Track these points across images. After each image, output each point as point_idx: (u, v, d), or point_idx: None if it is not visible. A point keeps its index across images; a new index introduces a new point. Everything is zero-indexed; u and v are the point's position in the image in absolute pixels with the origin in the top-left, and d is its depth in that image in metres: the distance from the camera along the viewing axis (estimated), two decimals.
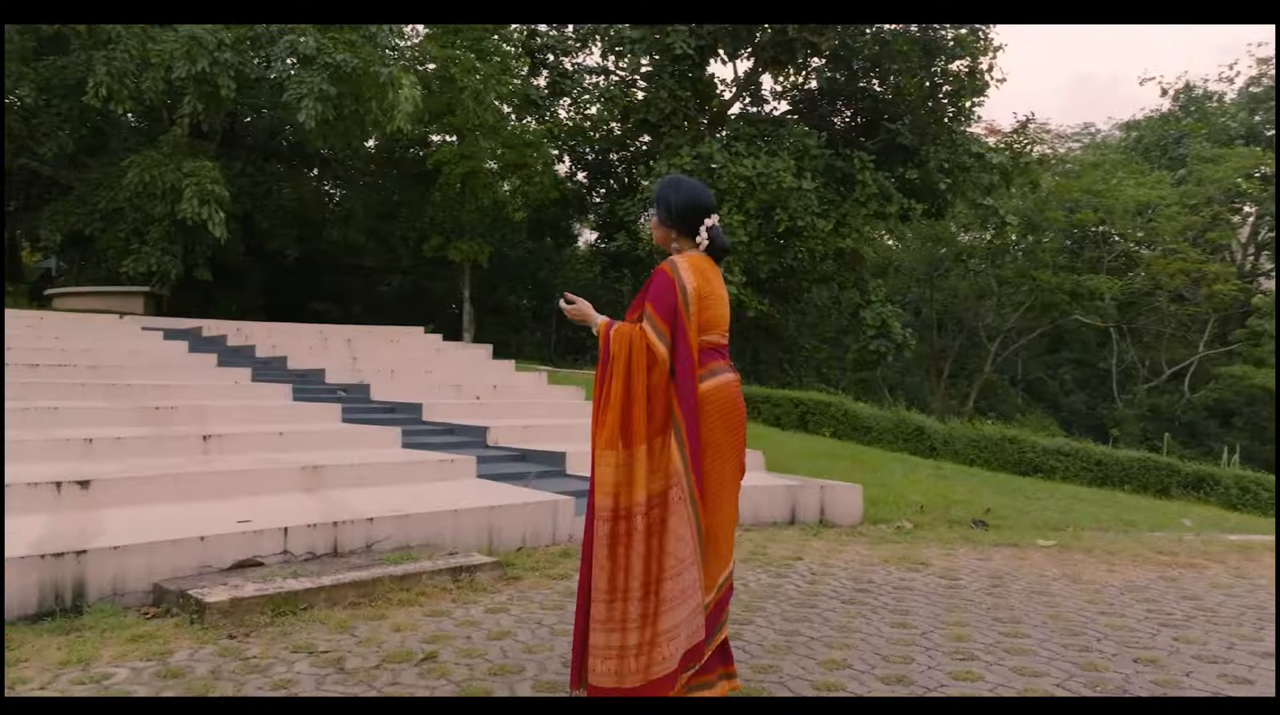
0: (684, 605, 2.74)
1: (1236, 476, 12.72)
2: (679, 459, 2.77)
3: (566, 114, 23.29)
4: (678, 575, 2.74)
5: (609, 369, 2.85)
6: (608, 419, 2.81)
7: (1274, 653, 3.63)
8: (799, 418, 14.62)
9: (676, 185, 3.00)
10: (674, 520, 2.76)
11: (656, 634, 2.72)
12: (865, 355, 19.91)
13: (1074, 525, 6.95)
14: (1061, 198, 24.20)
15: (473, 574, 4.70)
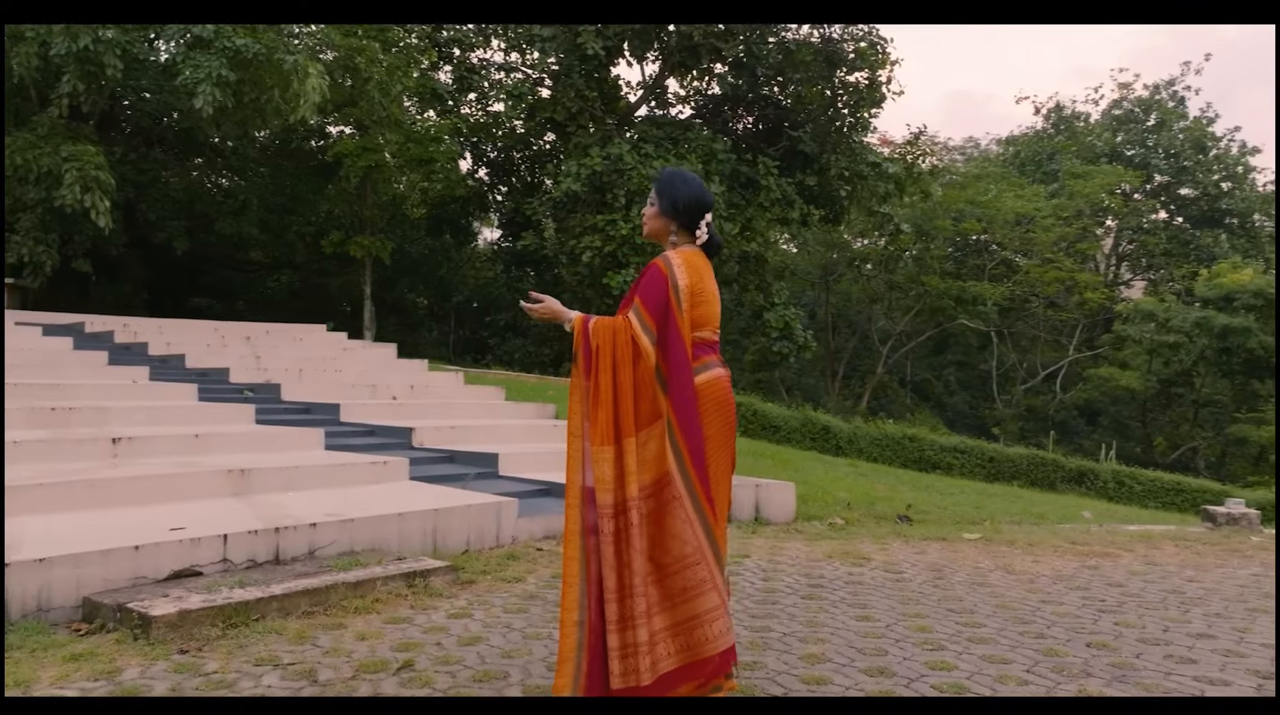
0: (691, 602, 2.72)
1: (1114, 471, 13.65)
2: (672, 456, 2.74)
3: (470, 110, 22.91)
4: (679, 572, 2.72)
5: (595, 363, 2.80)
6: (599, 415, 2.77)
7: (1204, 634, 3.91)
8: None
9: (684, 179, 2.99)
10: (670, 519, 2.73)
11: (693, 616, 2.71)
12: (768, 356, 20.38)
13: (990, 519, 7.31)
14: (948, 207, 25.39)
15: (427, 579, 4.57)
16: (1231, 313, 22.13)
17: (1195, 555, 5.80)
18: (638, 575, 2.70)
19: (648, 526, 2.74)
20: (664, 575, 2.74)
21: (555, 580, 4.78)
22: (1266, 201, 31.45)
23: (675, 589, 2.73)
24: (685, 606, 2.73)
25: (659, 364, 2.78)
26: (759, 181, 19.74)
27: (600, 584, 2.74)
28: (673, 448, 2.75)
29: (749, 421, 14.68)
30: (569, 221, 18.63)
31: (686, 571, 2.73)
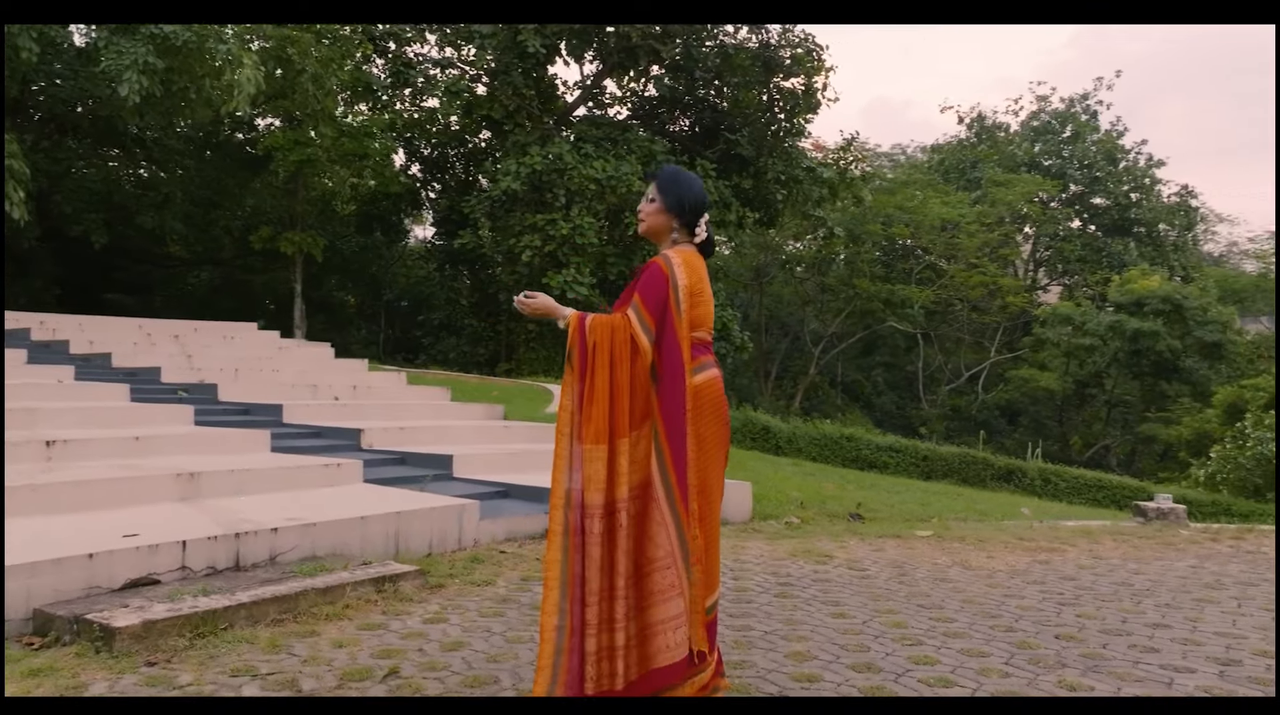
0: (655, 608, 2.69)
1: (1040, 469, 14.18)
2: (654, 458, 2.73)
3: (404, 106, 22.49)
4: (649, 575, 2.71)
5: (591, 360, 2.77)
6: (594, 413, 2.73)
7: (1159, 624, 4.10)
8: None
9: (688, 177, 2.98)
10: (649, 521, 2.71)
11: (649, 625, 2.68)
12: None
13: (938, 516, 7.52)
14: (878, 212, 26.01)
15: (396, 583, 4.47)
16: (1142, 317, 23.22)
17: (1134, 549, 6.07)
18: (621, 577, 2.68)
19: (633, 529, 2.72)
20: (640, 576, 2.71)
21: (526, 583, 4.74)
22: (1171, 212, 33.11)
23: (646, 591, 2.71)
24: (650, 611, 2.70)
25: (654, 363, 2.77)
26: None
27: (583, 586, 2.69)
28: (656, 449, 2.73)
29: None
30: (508, 220, 18.45)
31: (661, 572, 2.70)
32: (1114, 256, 30.42)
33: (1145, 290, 23.87)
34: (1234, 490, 14.38)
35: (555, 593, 2.73)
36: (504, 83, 19.67)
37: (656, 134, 20.94)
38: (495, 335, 23.07)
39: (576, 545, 2.70)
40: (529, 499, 6.54)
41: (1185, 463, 19.06)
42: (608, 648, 2.68)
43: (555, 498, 2.78)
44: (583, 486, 2.71)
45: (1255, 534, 6.86)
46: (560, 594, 2.72)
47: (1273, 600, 4.59)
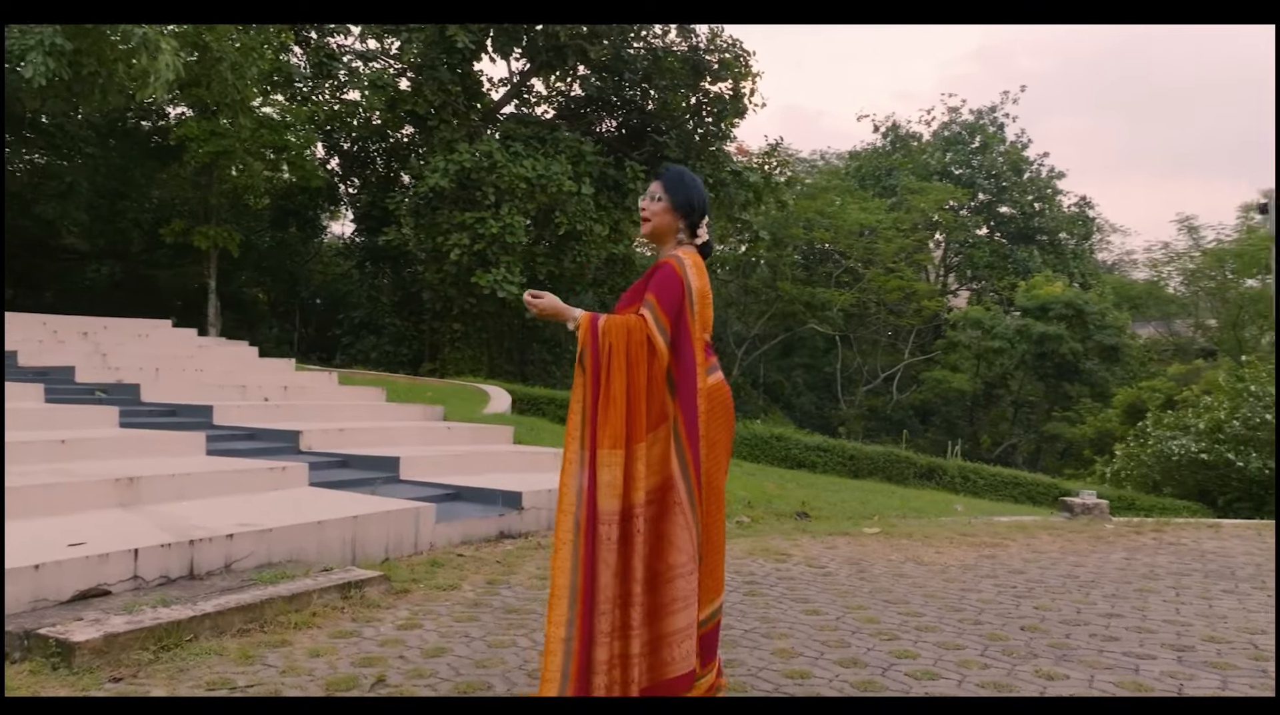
0: (669, 618, 2.67)
1: (960, 467, 14.70)
2: (676, 460, 2.71)
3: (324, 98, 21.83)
4: (671, 581, 2.68)
5: (607, 362, 2.72)
6: (610, 416, 2.68)
7: (1111, 614, 4.31)
8: None
9: (693, 178, 2.97)
10: (669, 525, 2.68)
11: (662, 635, 2.66)
12: None
13: (879, 514, 7.72)
14: (799, 217, 26.55)
15: (361, 589, 4.34)
16: (1047, 322, 24.34)
17: (1069, 543, 6.36)
18: (638, 584, 2.64)
19: (650, 534, 2.68)
20: (657, 583, 2.68)
21: (493, 586, 4.67)
22: (1071, 222, 34.78)
23: (664, 599, 2.67)
24: (664, 621, 2.67)
25: (669, 366, 2.77)
26: (626, 185, 19.94)
27: (594, 595, 2.63)
28: (678, 452, 2.72)
29: None
30: (435, 218, 18.12)
31: (677, 581, 2.67)
32: (1019, 263, 31.78)
33: (1049, 296, 25.02)
34: (1136, 486, 15.23)
35: (563, 603, 2.67)
36: (430, 78, 19.31)
37: (583, 134, 20.89)
38: (419, 335, 22.63)
39: (588, 554, 2.64)
40: (481, 501, 6.45)
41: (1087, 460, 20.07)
42: (621, 655, 2.64)
43: (564, 504, 2.72)
44: (597, 493, 2.65)
45: (1173, 527, 7.28)
46: (568, 604, 2.66)
47: (1206, 589, 4.87)
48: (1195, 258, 26.23)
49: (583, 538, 2.66)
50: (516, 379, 19.55)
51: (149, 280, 24.27)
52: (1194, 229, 26.38)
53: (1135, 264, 39.04)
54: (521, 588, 4.67)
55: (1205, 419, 14.64)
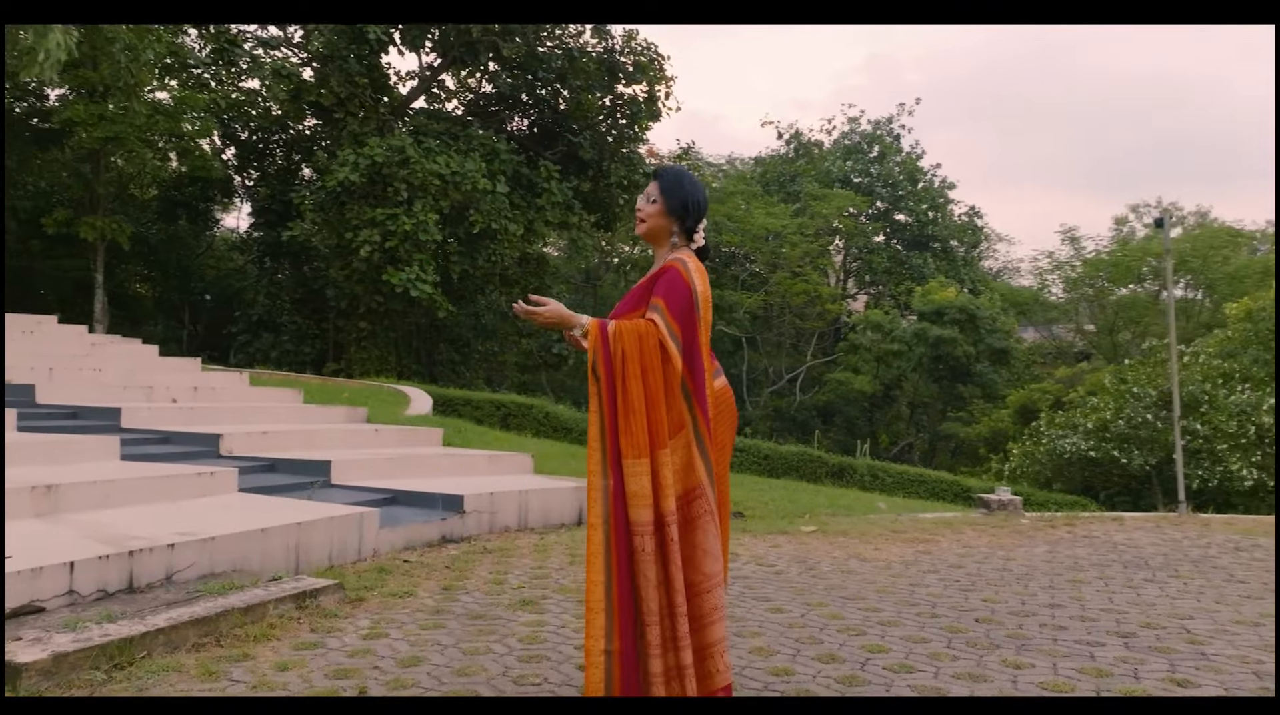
0: (709, 629, 2.64)
1: (869, 465, 15.19)
2: (703, 467, 2.68)
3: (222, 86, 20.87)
4: (709, 591, 2.64)
5: (622, 369, 2.68)
6: (632, 425, 2.62)
7: (1053, 604, 4.53)
8: (501, 419, 14.64)
9: (691, 179, 2.94)
10: (701, 533, 2.65)
11: (705, 645, 2.62)
12: (548, 358, 20.47)
13: (809, 512, 7.91)
14: (709, 220, 26.95)
15: (316, 599, 4.18)
16: (942, 326, 25.41)
17: (994, 537, 6.66)
18: (679, 593, 2.58)
19: (682, 542, 2.63)
20: (694, 593, 2.63)
21: (450, 593, 4.57)
22: (961, 230, 36.41)
23: (705, 608, 2.63)
24: (704, 633, 2.64)
25: (683, 371, 2.75)
26: (540, 185, 19.80)
27: (633, 608, 2.58)
28: (703, 458, 2.68)
29: (542, 423, 14.68)
30: (343, 214, 17.56)
31: (715, 591, 2.64)
32: (915, 269, 33.07)
33: (944, 301, 26.13)
34: (1030, 482, 16.07)
35: (600, 617, 2.59)
36: (337, 69, 18.71)
37: (495, 132, 20.64)
38: (321, 333, 21.89)
39: (621, 566, 2.58)
40: (420, 506, 6.29)
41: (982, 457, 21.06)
42: (675, 667, 2.58)
43: (592, 517, 2.65)
44: (627, 504, 2.60)
45: (1082, 521, 7.71)
46: (605, 618, 2.58)
47: (1129, 578, 5.19)
48: (1076, 267, 27.87)
49: (614, 551, 2.59)
50: (425, 380, 19.14)
51: (20, 273, 22.66)
52: (1075, 240, 28.06)
53: (1018, 272, 41.21)
54: (480, 593, 4.58)
55: (1093, 419, 15.61)
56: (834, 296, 29.59)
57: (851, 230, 33.03)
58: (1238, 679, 3.31)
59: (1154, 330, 25.56)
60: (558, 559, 5.51)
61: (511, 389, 24.51)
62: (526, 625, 3.98)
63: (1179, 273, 24.35)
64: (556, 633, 3.87)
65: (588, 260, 29.83)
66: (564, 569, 5.22)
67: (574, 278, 30.80)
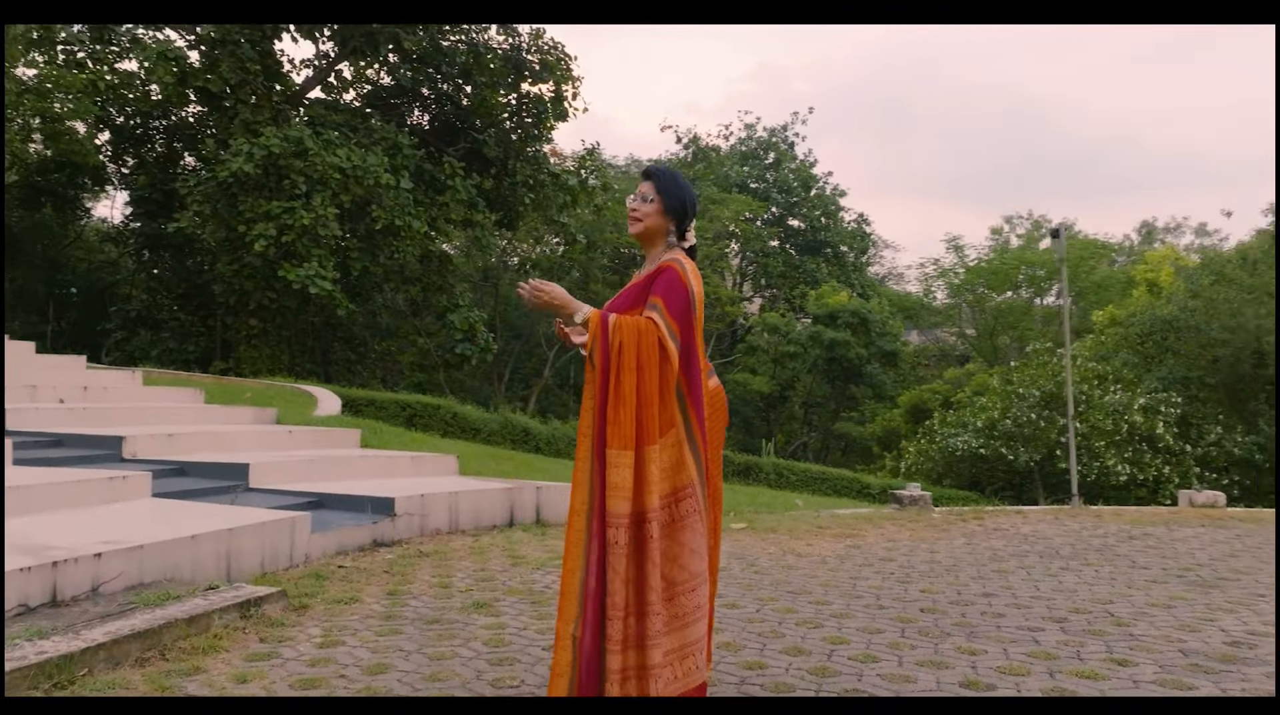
0: (690, 628, 2.66)
1: (774, 464, 15.55)
2: (694, 466, 2.69)
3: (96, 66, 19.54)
4: (692, 590, 2.66)
5: (617, 360, 2.67)
6: (620, 416, 2.63)
7: (987, 592, 4.77)
8: (407, 420, 14.29)
9: (684, 180, 2.95)
10: (688, 532, 2.66)
11: (684, 644, 2.63)
12: (450, 358, 20.08)
13: (734, 510, 8.04)
14: (612, 220, 27.02)
15: (260, 607, 3.99)
16: (836, 329, 26.27)
17: (913, 531, 6.94)
18: (653, 591, 2.58)
19: (664, 540, 2.65)
20: (675, 593, 2.64)
21: (398, 597, 4.44)
22: (851, 237, 37.76)
23: (686, 608, 2.65)
24: (685, 631, 2.65)
25: (679, 371, 2.76)
26: (444, 181, 19.43)
27: (602, 599, 2.59)
28: (695, 458, 2.69)
29: (449, 424, 14.40)
30: (234, 206, 16.75)
31: (699, 590, 2.66)
32: (808, 273, 34.07)
33: (838, 304, 27.03)
34: (924, 478, 16.80)
35: (573, 603, 2.62)
36: (228, 53, 17.84)
37: (396, 125, 20.12)
38: (207, 331, 20.83)
39: (598, 556, 2.59)
40: (348, 509, 6.09)
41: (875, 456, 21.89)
42: (638, 666, 2.57)
43: (575, 503, 2.66)
44: (606, 494, 2.60)
45: (989, 514, 8.13)
46: (577, 604, 2.61)
47: (1047, 567, 5.50)
48: (960, 274, 29.32)
49: (594, 540, 2.61)
50: (322, 379, 18.48)
51: None
52: (960, 248, 29.51)
53: (903, 278, 43.01)
54: (428, 598, 4.47)
55: (982, 418, 16.47)
56: (732, 298, 30.15)
57: (749, 234, 33.76)
58: (1168, 656, 3.56)
59: (1029, 334, 27.15)
60: (498, 561, 5.43)
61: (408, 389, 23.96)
62: (486, 628, 3.91)
63: (1053, 281, 25.96)
64: (519, 635, 3.82)
65: (486, 258, 29.48)
66: (507, 571, 5.15)
67: (472, 277, 30.34)
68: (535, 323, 30.18)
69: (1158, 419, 15.21)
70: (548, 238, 26.45)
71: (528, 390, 29.32)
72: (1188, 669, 3.40)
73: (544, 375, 28.05)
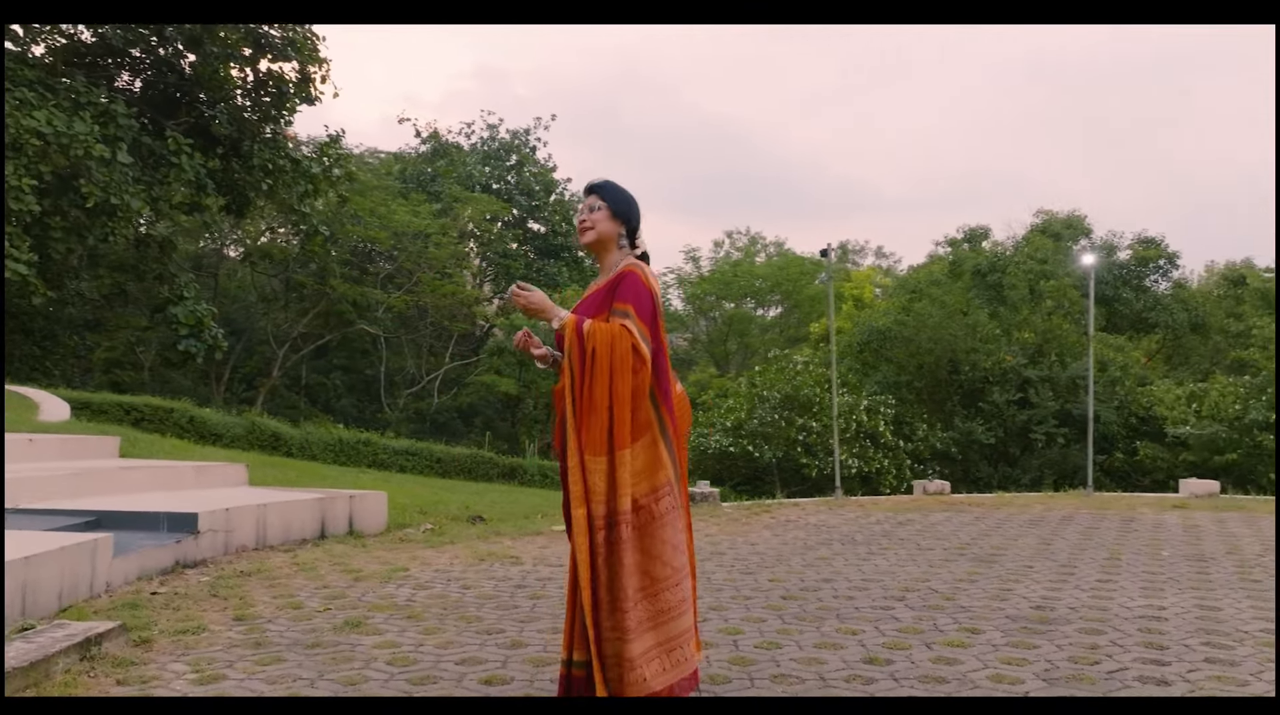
0: (675, 621, 2.73)
1: (539, 465, 15.66)
2: (671, 465, 2.76)
3: None
4: (674, 586, 2.72)
5: (591, 367, 2.70)
6: (592, 423, 2.68)
7: (828, 578, 5.22)
8: (134, 423, 12.67)
9: (624, 189, 2.98)
10: (668, 529, 2.72)
11: (672, 636, 2.70)
12: (173, 356, 17.97)
13: (541, 514, 8.04)
14: (352, 213, 25.67)
15: (101, 645, 3.44)
16: None
17: (720, 525, 7.37)
18: (628, 589, 2.65)
19: (640, 540, 2.70)
20: (659, 589, 2.70)
21: (252, 622, 4.03)
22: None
23: (670, 602, 2.71)
24: (671, 625, 2.72)
25: (652, 373, 2.80)
26: (170, 158, 17.37)
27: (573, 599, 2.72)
28: (670, 455, 2.76)
29: (185, 429, 12.95)
30: None
31: (682, 584, 2.74)
32: (549, 276, 34.52)
33: None
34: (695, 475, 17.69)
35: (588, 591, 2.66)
36: None
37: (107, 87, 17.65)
38: None
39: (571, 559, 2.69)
40: (137, 527, 5.37)
41: None
42: (615, 657, 2.65)
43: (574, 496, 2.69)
44: (587, 496, 2.64)
45: (770, 508, 8.83)
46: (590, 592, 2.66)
47: (854, 552, 6.12)
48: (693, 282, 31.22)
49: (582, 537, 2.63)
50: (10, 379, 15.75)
51: None
52: (696, 259, 31.41)
53: None
54: (285, 620, 4.08)
55: (731, 418, 17.72)
56: (477, 299, 29.82)
57: (491, 235, 33.55)
58: (1000, 623, 4.14)
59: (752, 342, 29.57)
60: (335, 577, 5.05)
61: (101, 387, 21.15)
62: (380, 648, 3.66)
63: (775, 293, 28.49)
64: (420, 652, 3.61)
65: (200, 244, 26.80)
66: (354, 586, 4.82)
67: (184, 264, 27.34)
68: (255, 318, 27.89)
69: (879, 418, 17.33)
70: (278, 228, 24.54)
71: (251, 391, 26.99)
72: (1022, 631, 3.99)
73: (272, 375, 25.97)
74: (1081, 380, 17.86)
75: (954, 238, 27.57)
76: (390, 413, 28.37)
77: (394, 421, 27.45)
